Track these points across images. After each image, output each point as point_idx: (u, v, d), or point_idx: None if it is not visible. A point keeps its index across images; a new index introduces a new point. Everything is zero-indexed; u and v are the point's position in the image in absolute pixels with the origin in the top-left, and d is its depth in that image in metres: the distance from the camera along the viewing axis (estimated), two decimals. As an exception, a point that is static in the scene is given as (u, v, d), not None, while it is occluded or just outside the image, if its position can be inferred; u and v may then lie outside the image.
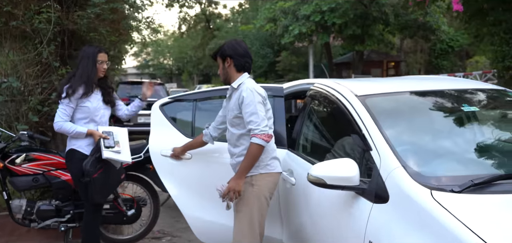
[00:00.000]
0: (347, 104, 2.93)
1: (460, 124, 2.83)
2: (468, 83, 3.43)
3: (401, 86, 3.30)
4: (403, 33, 20.72)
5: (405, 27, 19.81)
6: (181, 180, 3.78)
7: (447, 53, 29.02)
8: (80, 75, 3.86)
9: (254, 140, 3.06)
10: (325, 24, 17.83)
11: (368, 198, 2.43)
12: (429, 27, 19.66)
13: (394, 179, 2.29)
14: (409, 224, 2.12)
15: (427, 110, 2.97)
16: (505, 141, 2.70)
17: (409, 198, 2.16)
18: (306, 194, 3.10)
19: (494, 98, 3.10)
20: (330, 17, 17.37)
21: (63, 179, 4.24)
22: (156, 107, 3.99)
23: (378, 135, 2.56)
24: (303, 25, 17.75)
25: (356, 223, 2.46)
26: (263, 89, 3.27)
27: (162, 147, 3.80)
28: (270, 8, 20.10)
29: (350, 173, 2.44)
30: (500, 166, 2.47)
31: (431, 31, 19.97)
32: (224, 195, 3.18)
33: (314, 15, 17.51)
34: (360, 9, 18.45)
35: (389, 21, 18.99)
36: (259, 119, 3.08)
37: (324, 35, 18.80)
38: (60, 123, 3.84)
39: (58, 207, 4.29)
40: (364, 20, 18.70)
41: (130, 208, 4.45)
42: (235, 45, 3.38)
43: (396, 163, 2.34)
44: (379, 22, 19.21)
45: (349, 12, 17.57)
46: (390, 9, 18.69)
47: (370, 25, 19.18)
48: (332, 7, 17.25)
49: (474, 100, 3.03)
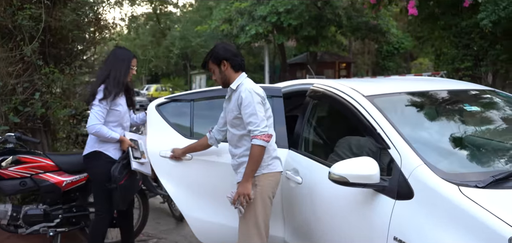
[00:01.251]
0: (356, 105, 3.03)
1: (467, 122, 3.01)
2: (461, 84, 3.64)
3: (401, 87, 3.45)
4: (355, 35, 21.34)
5: (357, 29, 20.42)
6: (180, 181, 3.76)
7: (393, 55, 30.14)
8: (114, 77, 3.79)
9: (255, 141, 3.11)
10: (281, 25, 18.06)
11: (390, 195, 2.54)
12: (379, 29, 20.38)
13: (418, 176, 2.41)
14: (439, 218, 2.24)
15: (433, 109, 3.14)
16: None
17: (438, 194, 2.28)
18: (314, 193, 3.18)
19: (490, 98, 3.32)
20: (286, 18, 17.63)
21: (52, 182, 4.12)
22: (152, 108, 3.94)
23: (395, 134, 2.67)
24: (260, 25, 17.91)
25: (377, 220, 2.57)
26: (262, 89, 3.32)
27: (161, 147, 3.77)
28: (225, 9, 20.12)
29: (372, 171, 2.55)
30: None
31: (381, 34, 20.70)
32: (234, 201, 3.19)
33: (271, 16, 17.71)
34: (314, 11, 18.83)
35: (342, 23, 19.51)
36: (258, 120, 3.12)
37: (280, 36, 19.06)
38: (98, 125, 3.73)
39: (46, 211, 4.16)
40: (318, 22, 19.11)
41: (120, 210, 4.37)
42: (226, 47, 3.42)
43: (418, 160, 2.46)
44: (332, 24, 19.69)
45: (305, 14, 17.90)
46: (343, 11, 19.20)
47: (324, 27, 19.62)
48: (288, 9, 17.51)
49: (474, 100, 3.23)
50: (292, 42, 22.44)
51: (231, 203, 3.24)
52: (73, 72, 4.81)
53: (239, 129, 3.28)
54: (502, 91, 3.51)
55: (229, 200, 3.25)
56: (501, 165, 2.56)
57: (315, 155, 3.34)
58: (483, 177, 2.33)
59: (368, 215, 2.65)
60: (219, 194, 3.71)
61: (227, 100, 3.44)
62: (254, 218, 3.21)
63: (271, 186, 3.27)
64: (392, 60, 29.94)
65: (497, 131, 2.92)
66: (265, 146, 3.13)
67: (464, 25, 12.01)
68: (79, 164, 4.17)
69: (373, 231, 2.59)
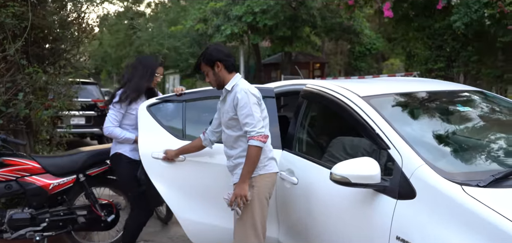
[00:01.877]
0: (353, 106, 3.06)
1: (462, 122, 3.08)
2: (450, 85, 3.73)
3: (395, 88, 3.51)
4: (329, 35, 21.54)
5: (331, 30, 20.61)
6: (172, 182, 3.73)
7: (365, 55, 30.57)
8: (136, 83, 3.97)
9: (252, 142, 3.11)
10: (257, 25, 18.07)
11: (391, 195, 2.58)
12: (353, 30, 20.63)
13: (420, 176, 2.45)
14: (442, 217, 2.28)
15: (429, 110, 3.20)
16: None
17: (441, 193, 2.33)
18: (310, 193, 3.19)
19: (480, 98, 3.41)
20: (262, 18, 17.64)
21: (39, 184, 4.02)
22: (143, 108, 3.90)
23: (394, 134, 2.71)
24: (235, 25, 17.87)
25: (379, 220, 2.60)
26: (257, 89, 3.32)
27: (153, 149, 3.74)
28: (200, 9, 20.01)
29: (373, 171, 2.58)
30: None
31: (355, 35, 20.96)
32: (231, 203, 3.18)
33: (246, 16, 17.69)
34: (289, 11, 18.92)
35: (316, 24, 19.65)
36: (255, 121, 3.12)
37: (256, 36, 19.07)
38: (111, 127, 3.95)
39: (32, 215, 4.05)
40: (293, 22, 19.20)
41: (109, 213, 4.30)
42: (219, 48, 3.43)
43: (419, 160, 2.51)
44: (307, 25, 19.81)
45: (280, 14, 17.95)
46: (317, 12, 19.35)
47: (298, 28, 19.73)
48: (263, 9, 17.53)
49: (465, 101, 3.31)
50: (266, 43, 22.49)
51: (228, 204, 3.23)
52: (57, 72, 4.69)
53: (235, 130, 3.28)
54: (488, 92, 3.60)
55: (226, 202, 3.23)
56: (499, 163, 2.63)
57: (311, 156, 3.36)
58: (482, 176, 2.38)
59: (368, 215, 2.68)
60: (212, 195, 3.69)
61: (222, 102, 3.42)
62: (251, 219, 3.20)
63: (268, 186, 3.27)
64: (364, 61, 30.33)
65: (492, 131, 3.00)
66: (262, 147, 3.13)
67: (437, 27, 12.29)
68: (66, 166, 4.08)
69: (374, 231, 2.63)
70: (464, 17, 10.67)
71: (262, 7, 17.47)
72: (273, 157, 3.33)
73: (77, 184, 4.19)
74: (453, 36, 12.08)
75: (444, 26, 12.13)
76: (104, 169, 4.25)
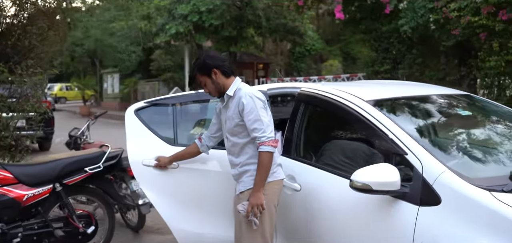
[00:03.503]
0: (359, 110, 3.03)
1: (469, 126, 3.14)
2: (443, 89, 3.80)
3: (394, 92, 3.52)
4: (273, 36, 21.68)
5: (275, 31, 20.75)
6: (165, 191, 3.56)
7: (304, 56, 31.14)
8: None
9: (263, 148, 3.00)
10: (202, 24, 17.81)
11: (412, 201, 2.57)
12: (297, 31, 20.87)
13: (444, 182, 2.46)
14: (472, 223, 2.30)
15: (434, 114, 3.24)
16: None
17: (470, 200, 2.34)
18: (316, 200, 3.13)
19: (474, 103, 3.50)
20: (208, 18, 17.41)
21: (11, 196, 3.71)
22: (130, 113, 3.68)
23: (409, 140, 2.71)
24: (180, 24, 17.52)
25: (400, 226, 2.58)
26: (262, 93, 3.22)
27: (143, 156, 3.54)
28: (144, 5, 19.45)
29: (394, 177, 2.57)
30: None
31: (299, 36, 21.21)
32: (248, 213, 3.04)
33: (192, 15, 17.39)
34: (234, 11, 18.85)
35: (261, 25, 19.71)
36: (264, 126, 3.03)
37: (201, 35, 18.80)
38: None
39: (3, 231, 3.71)
40: (239, 22, 19.13)
41: (87, 225, 4.02)
42: (212, 54, 3.33)
43: (441, 167, 2.52)
44: (253, 25, 19.81)
45: (226, 14, 17.81)
46: (262, 13, 19.42)
47: (244, 28, 19.69)
48: (210, 8, 17.31)
49: (463, 105, 3.39)
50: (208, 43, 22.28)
51: (244, 215, 3.08)
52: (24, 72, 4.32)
53: (241, 137, 3.14)
54: (476, 96, 3.72)
55: (242, 212, 3.08)
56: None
57: (315, 162, 3.30)
58: (502, 180, 2.43)
59: (388, 222, 2.66)
60: (207, 204, 3.56)
61: (224, 108, 3.27)
62: (261, 228, 3.09)
63: (276, 194, 3.19)
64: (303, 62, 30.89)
65: (499, 134, 3.08)
66: (273, 152, 3.03)
67: (384, 30, 12.71)
68: (42, 175, 3.78)
69: (394, 238, 2.61)
70: (411, 21, 11.09)
71: (208, 7, 17.25)
72: (280, 163, 3.25)
73: (53, 194, 3.89)
74: (399, 39, 12.54)
75: (391, 30, 12.57)
76: (83, 177, 3.97)
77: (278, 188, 3.19)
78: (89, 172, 3.98)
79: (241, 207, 3.08)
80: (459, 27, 9.58)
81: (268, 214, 3.11)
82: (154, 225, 5.67)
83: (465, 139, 3.00)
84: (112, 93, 28.64)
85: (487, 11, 8.97)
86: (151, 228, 5.57)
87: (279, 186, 3.20)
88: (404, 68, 12.76)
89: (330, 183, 3.07)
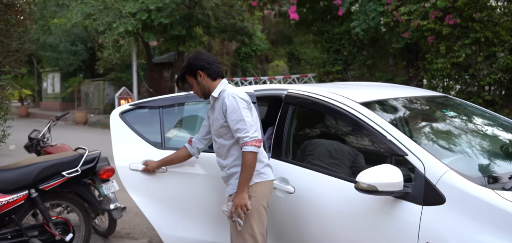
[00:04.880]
0: (353, 111, 3.08)
1: (459, 126, 3.27)
2: (425, 91, 3.94)
3: (377, 94, 3.59)
4: (222, 36, 21.61)
5: (224, 31, 20.70)
6: (153, 196, 3.46)
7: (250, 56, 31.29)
8: None
9: (246, 148, 2.99)
10: (152, 23, 17.45)
11: (415, 201, 2.64)
12: (246, 32, 20.91)
13: (448, 182, 2.54)
14: (477, 221, 2.40)
15: (426, 115, 3.34)
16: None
17: (475, 198, 2.44)
18: (314, 203, 3.13)
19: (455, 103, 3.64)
20: (157, 16, 17.07)
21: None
22: (115, 116, 3.54)
23: (408, 141, 2.78)
24: (128, 22, 17.06)
25: (404, 226, 2.65)
26: (246, 94, 3.21)
27: (130, 160, 3.42)
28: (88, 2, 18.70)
29: (398, 178, 2.63)
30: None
31: (248, 36, 21.26)
32: (232, 214, 3.03)
33: (141, 13, 16.99)
34: (184, 10, 18.62)
35: (210, 24, 19.59)
36: (247, 125, 3.02)
37: (150, 34, 18.40)
38: None
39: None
40: (188, 21, 18.91)
41: (64, 232, 3.83)
42: (199, 55, 3.28)
43: (443, 167, 2.60)
44: (202, 24, 19.65)
45: (175, 12, 17.55)
46: (212, 12, 19.32)
47: (192, 27, 19.49)
48: (159, 7, 16.98)
49: (448, 106, 3.52)
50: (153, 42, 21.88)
51: (228, 217, 3.06)
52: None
53: (227, 139, 3.13)
54: (453, 97, 3.88)
55: (226, 214, 3.06)
56: (509, 166, 2.84)
57: (310, 164, 3.30)
58: (503, 179, 2.56)
59: (391, 222, 2.72)
60: (196, 208, 3.48)
61: (210, 110, 3.25)
62: (250, 229, 3.08)
63: (265, 195, 3.17)
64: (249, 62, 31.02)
65: (488, 134, 3.23)
66: (257, 152, 3.02)
67: (336, 32, 13.00)
68: (17, 181, 3.56)
69: (398, 237, 2.66)
70: (363, 23, 11.41)
71: (158, 5, 16.91)
72: (269, 164, 3.24)
73: (28, 201, 3.66)
74: (350, 41, 12.88)
75: (342, 31, 12.88)
76: (61, 181, 3.78)
77: (267, 189, 3.18)
78: (67, 176, 3.79)
79: (226, 207, 3.08)
80: (409, 30, 9.97)
81: (256, 215, 3.09)
82: (121, 230, 5.50)
83: (459, 139, 3.12)
84: (53, 93, 27.43)
85: (435, 16, 9.41)
86: (120, 233, 5.39)
87: (268, 187, 3.18)
88: (355, 69, 13.10)
89: (327, 184, 3.09)
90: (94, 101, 22.34)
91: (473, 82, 9.92)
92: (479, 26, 9.06)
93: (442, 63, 9.58)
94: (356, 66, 13.09)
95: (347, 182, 2.95)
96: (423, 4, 9.66)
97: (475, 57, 9.39)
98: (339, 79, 13.21)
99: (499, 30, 8.98)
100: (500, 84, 9.75)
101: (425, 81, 11.02)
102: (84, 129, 19.02)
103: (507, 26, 9.03)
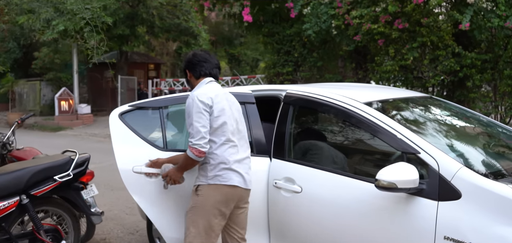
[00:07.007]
0: (360, 112, 3.17)
1: (459, 124, 3.45)
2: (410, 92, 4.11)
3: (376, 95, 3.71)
4: (166, 36, 21.28)
5: (168, 31, 20.39)
6: (157, 198, 3.36)
7: (192, 57, 31.07)
8: None
9: (188, 152, 3.09)
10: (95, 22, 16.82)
11: (429, 197, 2.75)
12: (191, 32, 20.72)
13: (463, 178, 2.67)
14: (493, 214, 2.53)
15: (426, 114, 3.50)
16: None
17: (490, 192, 2.58)
18: (322, 201, 3.17)
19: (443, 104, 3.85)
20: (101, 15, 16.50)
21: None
22: (115, 117, 3.43)
23: (419, 139, 2.91)
24: (69, 20, 16.34)
25: (420, 221, 2.74)
26: (212, 95, 3.18)
27: (134, 162, 3.32)
28: (23, 1, 17.70)
29: (414, 175, 2.74)
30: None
31: (193, 37, 21.07)
32: (164, 176, 3.26)
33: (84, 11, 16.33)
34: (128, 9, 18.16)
35: (154, 24, 19.24)
36: (193, 131, 3.07)
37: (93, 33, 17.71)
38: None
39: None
40: (132, 21, 18.45)
41: (55, 240, 3.64)
42: (189, 56, 3.43)
43: (457, 163, 2.75)
44: (146, 24, 19.24)
45: (119, 11, 17.07)
46: (156, 11, 18.98)
47: (137, 26, 19.04)
48: (103, 5, 16.41)
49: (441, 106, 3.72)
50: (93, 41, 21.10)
51: (161, 174, 3.31)
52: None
53: None
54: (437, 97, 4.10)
55: (161, 172, 3.31)
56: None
57: (319, 164, 3.34)
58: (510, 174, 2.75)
59: (407, 218, 2.80)
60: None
61: None
62: (192, 216, 3.17)
63: (216, 199, 3.16)
64: (190, 63, 30.78)
65: (488, 133, 3.44)
66: (196, 160, 3.09)
67: (287, 34, 13.21)
68: (7, 187, 3.35)
69: (416, 233, 2.76)
70: (315, 26, 11.68)
71: (101, 3, 16.36)
72: (235, 169, 3.19)
73: (19, 207, 3.46)
74: (300, 43, 13.13)
75: (293, 33, 13.11)
76: (53, 186, 3.60)
77: (218, 193, 3.16)
78: (59, 181, 3.61)
79: (164, 167, 3.30)
80: (360, 33, 10.32)
81: (202, 213, 3.14)
82: (96, 235, 5.31)
83: (465, 138, 3.30)
84: (-21, 94, 25.66)
85: (384, 20, 9.81)
86: (95, 239, 5.20)
87: (219, 191, 3.16)
88: (305, 70, 13.37)
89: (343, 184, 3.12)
90: (29, 102, 21.16)
91: (418, 84, 10.43)
92: (425, 30, 9.55)
93: (391, 65, 10.02)
94: (306, 68, 13.37)
95: (359, 180, 3.02)
96: (373, 9, 10.04)
97: (421, 60, 9.90)
98: (290, 80, 13.44)
99: (443, 35, 9.51)
100: (443, 85, 10.35)
101: (373, 83, 11.45)
102: (21, 131, 18.00)
103: (449, 31, 9.59)
